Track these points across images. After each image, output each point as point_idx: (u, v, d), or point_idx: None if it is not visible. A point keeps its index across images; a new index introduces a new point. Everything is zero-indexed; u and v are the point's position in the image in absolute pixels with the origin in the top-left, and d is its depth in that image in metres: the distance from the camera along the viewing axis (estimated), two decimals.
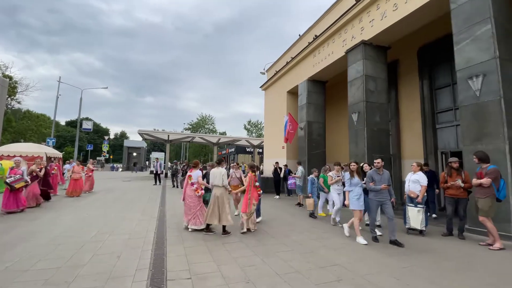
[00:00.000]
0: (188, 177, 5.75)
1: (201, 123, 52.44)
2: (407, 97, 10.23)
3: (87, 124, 30.02)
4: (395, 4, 7.72)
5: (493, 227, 4.54)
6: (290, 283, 3.07)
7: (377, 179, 4.94)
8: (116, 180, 19.05)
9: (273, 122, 15.97)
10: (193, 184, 5.62)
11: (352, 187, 5.05)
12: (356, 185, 5.04)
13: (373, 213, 5.09)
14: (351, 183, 5.07)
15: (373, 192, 4.95)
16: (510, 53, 5.49)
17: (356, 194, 4.99)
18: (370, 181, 4.97)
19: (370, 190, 4.99)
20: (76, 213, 6.98)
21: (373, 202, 5.01)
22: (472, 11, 5.72)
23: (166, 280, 3.12)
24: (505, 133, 5.04)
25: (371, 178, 4.99)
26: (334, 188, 6.44)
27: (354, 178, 5.07)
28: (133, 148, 44.25)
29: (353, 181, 5.06)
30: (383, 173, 5.00)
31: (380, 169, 5.02)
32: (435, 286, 3.04)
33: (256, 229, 5.61)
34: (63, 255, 3.88)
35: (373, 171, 5.07)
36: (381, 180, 4.91)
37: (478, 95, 5.51)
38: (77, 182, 10.35)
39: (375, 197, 4.95)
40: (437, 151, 9.22)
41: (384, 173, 5.00)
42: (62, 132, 57.84)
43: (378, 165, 5.03)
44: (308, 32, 12.86)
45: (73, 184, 10.23)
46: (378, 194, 4.92)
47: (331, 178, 6.44)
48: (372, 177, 5.00)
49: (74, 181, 10.28)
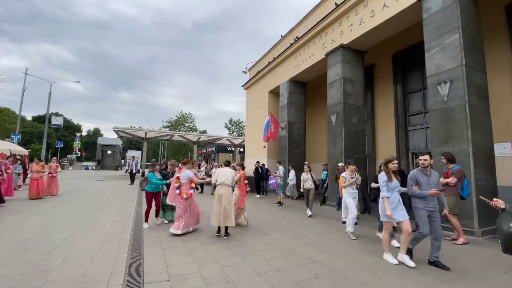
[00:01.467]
0: (177, 178, 5.28)
1: (181, 121, 51.31)
2: (382, 100, 10.72)
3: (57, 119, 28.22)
4: (373, 11, 8.05)
5: (457, 223, 4.90)
6: (270, 282, 3.11)
7: (423, 182, 3.80)
8: (89, 180, 18.13)
9: (255, 122, 16.01)
10: (179, 188, 5.21)
11: (389, 192, 3.89)
12: (394, 190, 3.91)
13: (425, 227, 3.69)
14: (389, 187, 3.90)
15: (418, 198, 3.78)
16: (475, 61, 5.94)
17: (391, 202, 3.85)
18: (414, 184, 3.83)
19: (413, 196, 3.84)
20: (44, 215, 6.55)
21: (420, 212, 3.74)
22: (442, 21, 6.10)
23: (143, 283, 3.03)
24: (469, 136, 5.45)
25: (415, 181, 3.84)
26: (348, 192, 5.53)
27: (393, 181, 3.92)
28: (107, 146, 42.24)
29: (392, 184, 3.91)
30: (430, 174, 3.87)
31: (427, 169, 3.87)
32: (405, 280, 3.22)
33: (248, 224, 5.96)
34: (30, 259, 3.64)
35: (418, 171, 3.91)
36: (429, 184, 3.79)
37: (446, 100, 5.90)
38: (39, 182, 9.23)
39: (422, 205, 3.74)
40: (408, 152, 9.75)
41: (432, 174, 3.87)
42: (28, 128, 53.88)
43: (425, 164, 3.85)
44: (290, 33, 13.03)
45: (36, 186, 9.10)
46: (425, 201, 3.74)
47: (344, 179, 5.51)
48: (416, 178, 3.84)
49: (36, 182, 9.13)
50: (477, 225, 5.22)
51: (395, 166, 4.01)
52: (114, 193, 11.16)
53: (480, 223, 5.24)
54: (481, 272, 3.51)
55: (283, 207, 8.79)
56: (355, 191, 5.59)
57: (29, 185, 9.35)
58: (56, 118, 28.33)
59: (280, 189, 9.59)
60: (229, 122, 54.08)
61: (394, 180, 3.93)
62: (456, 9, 5.87)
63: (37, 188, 9.16)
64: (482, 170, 5.55)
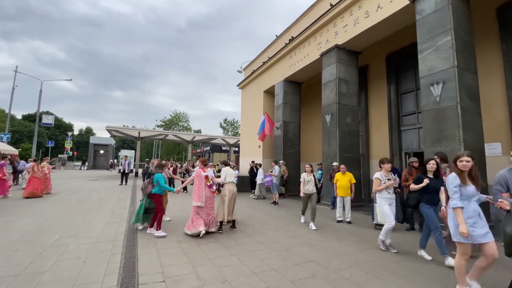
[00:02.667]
0: (206, 177, 5.26)
1: (175, 120, 50.99)
2: (376, 100, 10.84)
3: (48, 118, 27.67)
4: (367, 12, 8.12)
5: None
6: (266, 281, 3.11)
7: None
8: (81, 180, 17.84)
9: (250, 121, 16.01)
10: (212, 186, 5.29)
11: (465, 202, 2.77)
12: (471, 198, 2.77)
13: None
14: (463, 194, 2.77)
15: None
16: (467, 62, 6.05)
17: (469, 215, 2.72)
18: (503, 191, 2.83)
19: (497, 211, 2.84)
20: (35, 216, 6.41)
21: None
22: (435, 23, 6.20)
23: (137, 285, 2.99)
24: (461, 136, 5.55)
25: (505, 186, 2.86)
26: (383, 196, 4.53)
27: (468, 185, 2.80)
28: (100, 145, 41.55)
29: (468, 190, 2.77)
30: None
31: None
32: (401, 280, 3.27)
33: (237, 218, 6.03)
34: (21, 261, 3.55)
35: (509, 172, 2.90)
36: None
37: (438, 100, 5.99)
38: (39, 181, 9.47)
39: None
40: (401, 152, 9.88)
41: None
42: (18, 127, 52.64)
43: None
44: (285, 33, 13.06)
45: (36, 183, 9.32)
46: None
47: (378, 182, 4.50)
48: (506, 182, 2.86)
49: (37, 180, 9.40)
50: None
51: (465, 165, 2.81)
52: (106, 193, 11.00)
53: None
54: None
55: (278, 207, 8.80)
56: (392, 195, 4.55)
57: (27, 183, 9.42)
58: (47, 117, 27.77)
59: (275, 188, 9.60)
60: (223, 122, 53.97)
61: (470, 184, 2.80)
62: (448, 11, 5.97)
63: (37, 187, 9.31)
64: None
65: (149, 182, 5.39)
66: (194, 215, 5.10)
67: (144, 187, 5.42)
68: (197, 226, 4.92)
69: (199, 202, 5.11)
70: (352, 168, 7.95)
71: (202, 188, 5.18)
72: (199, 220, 5.02)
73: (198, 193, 5.17)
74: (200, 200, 5.12)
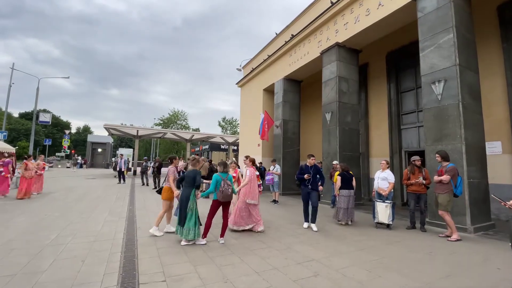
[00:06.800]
0: (258, 177, 5.49)
1: (173, 119, 50.78)
2: (376, 99, 10.81)
3: (45, 116, 27.35)
4: (368, 9, 8.07)
5: (451, 220, 4.97)
6: (268, 281, 3.06)
7: None
8: (78, 178, 17.71)
9: (249, 120, 15.93)
10: (260, 185, 5.56)
11: None
12: None
13: None
14: None
15: None
16: (469, 60, 6.02)
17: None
18: None
19: None
20: (32, 215, 6.33)
21: None
22: (437, 21, 6.16)
23: (138, 284, 2.93)
24: (462, 135, 5.53)
25: None
26: None
27: None
28: (97, 144, 41.30)
29: None
30: None
31: None
32: (404, 278, 3.23)
33: None
34: (18, 260, 3.48)
35: None
36: None
37: (440, 99, 5.96)
38: (29, 181, 8.94)
39: None
40: (401, 150, 9.87)
41: None
42: (15, 125, 52.22)
43: None
44: (285, 31, 12.97)
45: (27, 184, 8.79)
46: None
47: None
48: None
49: (27, 181, 8.82)
50: (470, 222, 5.31)
51: None
52: (104, 192, 10.92)
53: (473, 220, 5.33)
54: (477, 268, 3.56)
55: (278, 205, 8.77)
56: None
57: (19, 183, 8.97)
58: (44, 115, 27.47)
59: (276, 187, 9.56)
60: (222, 120, 53.82)
61: None
62: (450, 9, 5.93)
63: (28, 187, 8.89)
64: (475, 168, 5.65)
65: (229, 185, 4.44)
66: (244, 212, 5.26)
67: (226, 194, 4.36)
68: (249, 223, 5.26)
69: (254, 200, 5.34)
70: (352, 167, 7.91)
71: (256, 187, 5.44)
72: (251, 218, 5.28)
73: (253, 191, 5.37)
74: (255, 198, 5.37)
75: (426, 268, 3.53)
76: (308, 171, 5.70)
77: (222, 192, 4.34)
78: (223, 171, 4.53)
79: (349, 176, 6.26)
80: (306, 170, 5.74)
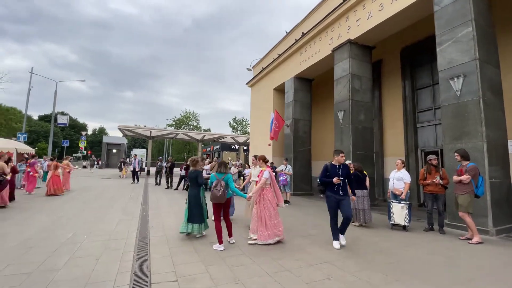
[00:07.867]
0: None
1: (185, 120, 51.51)
2: (390, 96, 10.51)
3: (63, 118, 28.50)
4: (381, 4, 7.84)
5: (472, 222, 4.73)
6: (281, 283, 3.00)
7: None
8: (94, 178, 18.22)
9: (259, 119, 15.88)
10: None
11: None
12: None
13: None
14: None
15: None
16: (489, 55, 5.73)
17: None
18: None
19: None
20: (50, 213, 6.54)
21: None
22: (454, 14, 5.90)
23: (150, 283, 2.95)
24: (483, 132, 5.26)
25: None
26: None
27: None
28: (112, 145, 42.41)
29: None
30: None
31: None
32: (422, 282, 3.09)
33: None
34: (35, 259, 3.58)
35: None
36: None
37: (459, 95, 5.70)
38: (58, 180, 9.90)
39: None
40: (417, 149, 9.54)
41: None
42: (34, 127, 54.46)
43: None
44: (295, 29, 12.84)
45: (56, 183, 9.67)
46: None
47: None
48: None
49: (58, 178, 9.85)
50: (492, 224, 5.05)
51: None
52: (118, 192, 11.16)
53: (495, 222, 5.07)
54: (500, 273, 3.37)
55: (289, 205, 8.68)
56: None
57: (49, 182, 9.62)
58: (62, 117, 28.60)
59: (287, 187, 9.45)
60: (232, 121, 54.07)
61: None
62: (468, 1, 5.66)
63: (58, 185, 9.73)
64: (496, 168, 5.37)
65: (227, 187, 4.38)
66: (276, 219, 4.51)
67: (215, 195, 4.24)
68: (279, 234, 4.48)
69: (281, 203, 4.73)
70: (365, 167, 7.72)
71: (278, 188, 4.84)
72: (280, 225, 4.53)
73: (279, 193, 4.76)
74: (281, 200, 4.75)
75: (446, 272, 3.36)
76: (335, 172, 4.34)
77: (212, 192, 4.23)
78: (220, 171, 4.35)
79: (362, 176, 6.10)
80: (333, 170, 4.37)
